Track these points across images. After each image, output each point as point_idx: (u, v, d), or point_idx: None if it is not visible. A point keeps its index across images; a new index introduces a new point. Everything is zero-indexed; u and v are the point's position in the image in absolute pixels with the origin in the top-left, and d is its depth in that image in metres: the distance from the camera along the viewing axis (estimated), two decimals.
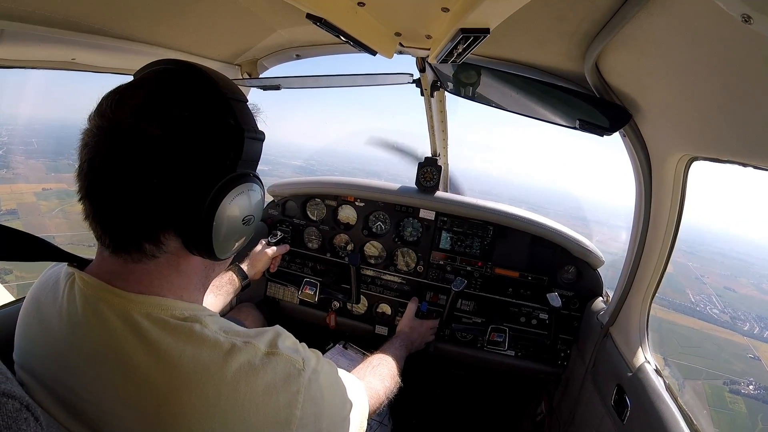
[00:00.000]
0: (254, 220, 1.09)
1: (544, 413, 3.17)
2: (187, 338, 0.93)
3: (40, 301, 1.05)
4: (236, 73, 2.54)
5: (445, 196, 3.12)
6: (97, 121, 0.91)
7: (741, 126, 1.29)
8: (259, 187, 1.06)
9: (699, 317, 35.80)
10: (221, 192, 0.95)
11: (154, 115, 0.90)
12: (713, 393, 27.01)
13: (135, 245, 0.95)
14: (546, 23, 1.60)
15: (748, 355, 32.83)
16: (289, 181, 3.44)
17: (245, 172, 1.00)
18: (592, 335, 2.62)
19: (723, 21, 1.03)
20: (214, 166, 0.95)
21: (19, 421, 0.66)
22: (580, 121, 1.83)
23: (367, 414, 1.45)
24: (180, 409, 0.87)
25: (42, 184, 29.82)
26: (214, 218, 0.94)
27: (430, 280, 3.19)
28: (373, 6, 1.38)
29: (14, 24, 1.39)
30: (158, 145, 0.89)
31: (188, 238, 0.97)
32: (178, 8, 1.72)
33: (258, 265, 2.71)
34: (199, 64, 1.02)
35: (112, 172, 0.90)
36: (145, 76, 1.00)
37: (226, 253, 1.05)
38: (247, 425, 0.91)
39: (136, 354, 0.89)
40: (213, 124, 0.95)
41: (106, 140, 0.90)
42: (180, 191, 0.92)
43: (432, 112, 2.94)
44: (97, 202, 0.94)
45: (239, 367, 0.93)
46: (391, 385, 1.90)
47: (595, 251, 2.93)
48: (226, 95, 0.98)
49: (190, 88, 0.97)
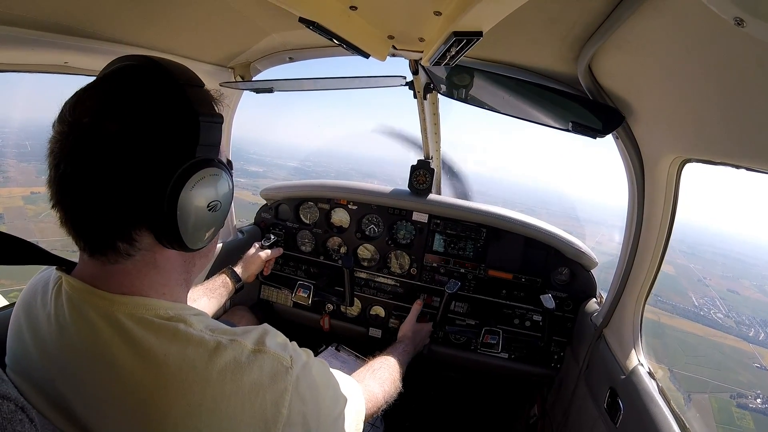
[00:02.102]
0: (221, 207, 1.06)
1: (537, 416, 3.17)
2: (171, 337, 0.93)
3: (30, 305, 1.05)
4: (229, 76, 2.53)
5: (437, 198, 3.12)
6: (58, 126, 0.91)
7: (734, 128, 1.30)
8: (223, 173, 1.03)
9: (703, 322, 34.94)
10: (181, 179, 0.93)
11: (110, 112, 0.89)
12: (720, 408, 26.00)
13: (109, 246, 0.95)
14: (539, 26, 1.60)
15: (755, 365, 31.82)
16: (282, 185, 3.44)
17: (205, 157, 0.98)
18: (585, 337, 2.62)
19: (716, 24, 1.03)
20: (173, 154, 0.93)
21: (14, 423, 0.66)
22: (573, 123, 1.83)
23: (362, 416, 1.43)
24: (166, 407, 0.87)
25: (31, 188, 29.51)
26: (177, 208, 0.92)
27: (424, 282, 3.19)
28: (365, 9, 1.38)
29: (6, 28, 1.38)
30: (116, 140, 0.88)
31: (158, 231, 0.96)
32: (170, 12, 1.72)
33: (251, 268, 2.71)
34: (155, 56, 1.00)
35: (76, 174, 0.89)
36: (101, 76, 1.00)
37: (199, 243, 1.04)
38: (233, 423, 0.91)
39: (121, 354, 0.89)
40: (167, 112, 0.94)
41: (67, 144, 0.89)
42: (143, 185, 0.91)
43: (425, 115, 2.94)
44: (67, 207, 0.93)
45: (225, 364, 0.93)
46: (391, 390, 1.88)
47: (589, 253, 2.94)
48: (179, 81, 0.96)
49: (144, 80, 0.96)
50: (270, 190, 3.44)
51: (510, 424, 3.58)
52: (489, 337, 2.85)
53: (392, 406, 1.84)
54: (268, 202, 3.48)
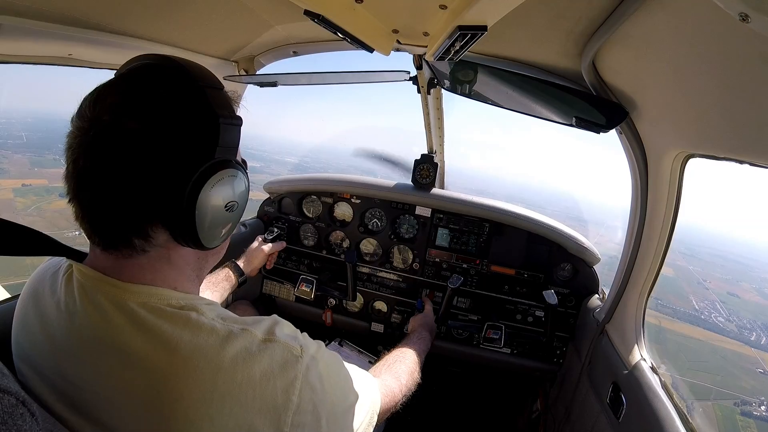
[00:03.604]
0: (238, 207, 1.08)
1: (540, 411, 3.18)
2: (183, 325, 0.93)
3: (38, 292, 1.06)
4: (233, 69, 2.53)
5: (441, 193, 3.12)
6: (77, 122, 0.92)
7: (738, 123, 1.30)
8: (240, 173, 1.05)
9: (704, 326, 34.71)
10: (201, 180, 0.94)
11: (130, 110, 0.90)
12: (724, 416, 25.58)
13: (124, 241, 0.96)
14: (543, 21, 1.60)
15: (758, 370, 31.65)
16: (286, 178, 3.44)
17: (224, 158, 0.99)
18: (588, 333, 2.63)
19: (720, 19, 1.03)
20: (192, 154, 0.94)
21: (15, 417, 0.65)
22: (576, 119, 1.83)
23: (377, 409, 1.42)
24: (178, 394, 0.87)
25: (22, 180, 29.34)
26: (195, 207, 0.94)
27: (426, 277, 3.20)
28: (370, 3, 1.37)
29: (11, 19, 1.38)
30: (136, 138, 0.89)
31: (174, 229, 0.97)
32: (175, 4, 1.72)
33: (254, 262, 2.72)
34: (175, 56, 1.01)
35: (94, 170, 0.90)
36: (121, 74, 1.01)
37: (214, 242, 1.05)
38: (244, 410, 0.91)
39: (133, 341, 0.90)
40: (187, 113, 0.94)
41: (86, 139, 0.90)
42: (161, 183, 0.92)
43: (429, 110, 2.94)
44: (84, 202, 0.94)
45: (236, 353, 0.94)
46: (409, 383, 1.86)
47: (591, 248, 2.94)
48: (199, 83, 0.97)
49: (164, 79, 0.97)
50: (273, 184, 3.44)
51: (512, 418, 3.58)
52: (491, 332, 2.85)
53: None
54: (272, 195, 3.48)
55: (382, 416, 1.49)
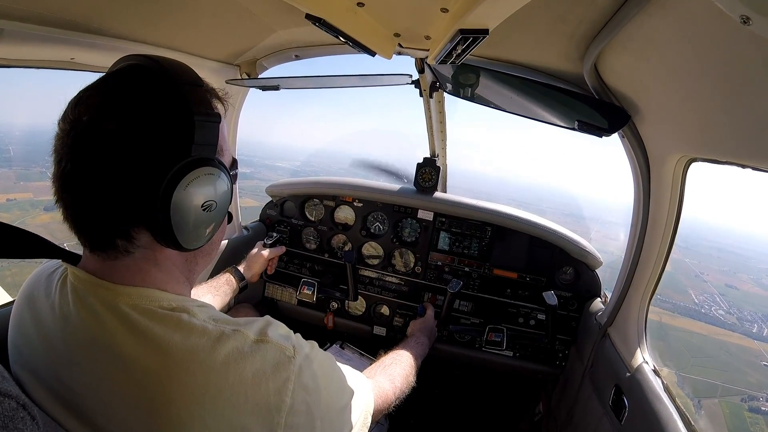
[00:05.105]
0: (217, 206, 1.04)
1: (542, 413, 3.17)
2: (175, 327, 0.93)
3: (34, 296, 1.06)
4: (235, 73, 2.54)
5: (443, 196, 3.12)
6: (62, 124, 0.92)
7: (740, 127, 1.29)
8: (219, 171, 1.02)
9: (705, 320, 34.31)
10: (174, 179, 0.92)
11: (109, 110, 0.90)
12: (731, 413, 24.81)
13: (108, 242, 0.96)
14: (545, 24, 1.60)
15: (762, 363, 31.18)
16: (288, 182, 3.45)
17: (200, 156, 0.97)
18: (590, 336, 2.62)
19: (722, 22, 1.03)
20: (168, 153, 0.93)
21: (16, 420, 0.65)
22: (578, 122, 1.83)
23: (371, 410, 1.42)
24: (170, 396, 0.87)
25: (8, 195, 29.35)
26: (170, 207, 0.92)
27: (429, 280, 3.20)
28: (372, 6, 1.38)
29: (13, 23, 1.39)
30: (113, 138, 0.89)
31: (155, 230, 0.96)
32: (177, 8, 1.72)
33: (255, 268, 2.72)
34: (158, 56, 1.01)
35: (76, 171, 0.90)
36: (104, 75, 1.01)
37: (196, 243, 1.03)
38: (236, 412, 0.91)
39: (126, 344, 0.90)
40: (162, 111, 0.94)
41: (68, 141, 0.90)
42: (139, 183, 0.91)
43: (431, 113, 2.94)
44: (68, 203, 0.94)
45: (228, 354, 0.93)
46: (403, 386, 1.86)
47: (593, 252, 2.93)
48: (176, 81, 0.96)
49: (143, 79, 0.97)
50: (275, 187, 3.44)
51: (515, 421, 3.57)
52: (493, 335, 2.85)
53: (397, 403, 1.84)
54: (274, 199, 3.48)
55: (375, 417, 1.48)
